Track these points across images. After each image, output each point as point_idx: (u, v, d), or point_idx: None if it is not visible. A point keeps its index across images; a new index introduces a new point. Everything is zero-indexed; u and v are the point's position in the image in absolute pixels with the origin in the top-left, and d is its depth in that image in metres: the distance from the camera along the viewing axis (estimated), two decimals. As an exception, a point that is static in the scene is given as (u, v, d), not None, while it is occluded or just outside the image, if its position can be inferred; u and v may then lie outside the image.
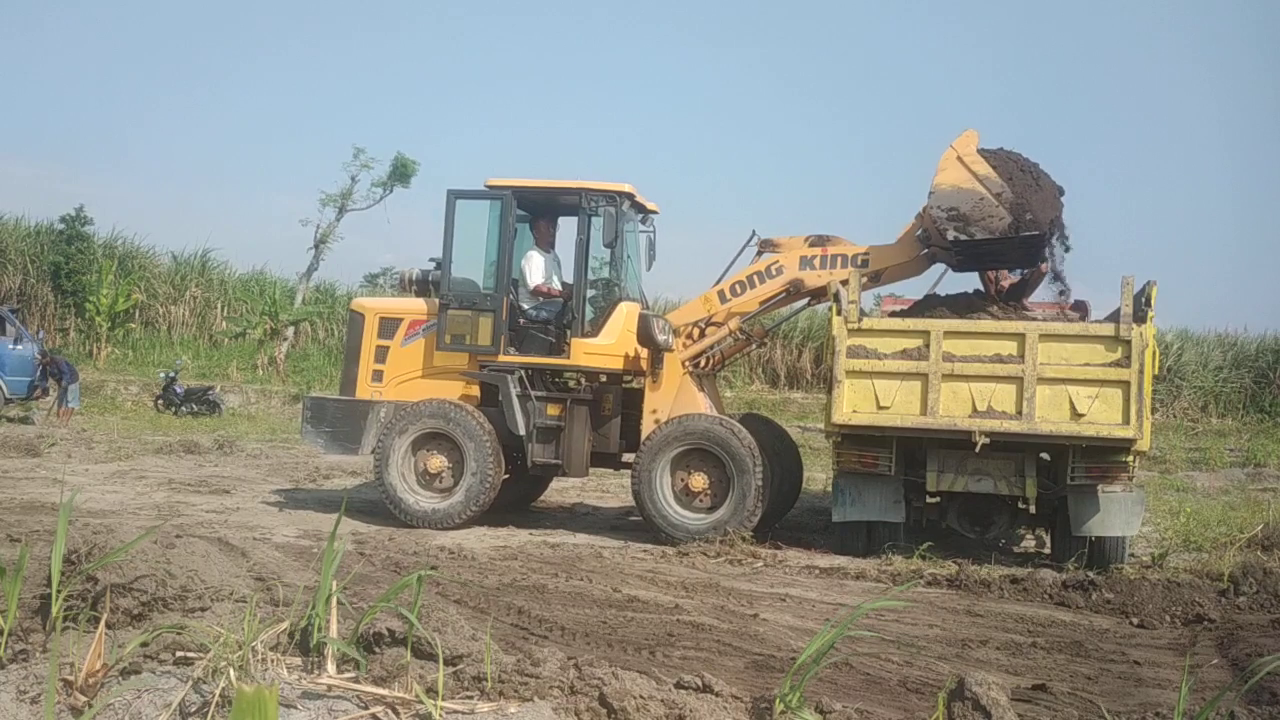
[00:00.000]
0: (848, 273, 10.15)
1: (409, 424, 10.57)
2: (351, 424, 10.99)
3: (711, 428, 10.21)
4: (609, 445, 10.97)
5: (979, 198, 9.57)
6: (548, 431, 10.72)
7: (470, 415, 10.48)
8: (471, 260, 11.05)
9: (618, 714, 3.23)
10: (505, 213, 10.79)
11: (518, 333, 10.91)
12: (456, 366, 10.97)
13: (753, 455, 9.98)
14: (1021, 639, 6.57)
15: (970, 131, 9.91)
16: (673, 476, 10.27)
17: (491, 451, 10.40)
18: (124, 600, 3.78)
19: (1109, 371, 9.04)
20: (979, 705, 3.19)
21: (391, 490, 10.55)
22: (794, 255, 10.59)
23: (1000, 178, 9.60)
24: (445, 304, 10.85)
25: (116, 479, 12.94)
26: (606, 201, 10.59)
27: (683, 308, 11.18)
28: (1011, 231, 9.52)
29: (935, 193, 9.72)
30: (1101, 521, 9.27)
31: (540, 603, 6.91)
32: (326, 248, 34.65)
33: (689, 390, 10.65)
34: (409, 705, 3.19)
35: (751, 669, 5.48)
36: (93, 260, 32.14)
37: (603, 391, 11.02)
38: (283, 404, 27.09)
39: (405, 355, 11.13)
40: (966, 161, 9.68)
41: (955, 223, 9.62)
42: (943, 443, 9.53)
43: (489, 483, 10.41)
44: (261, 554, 6.02)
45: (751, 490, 9.95)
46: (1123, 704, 4.78)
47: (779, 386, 30.87)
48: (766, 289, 10.64)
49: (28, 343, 22.05)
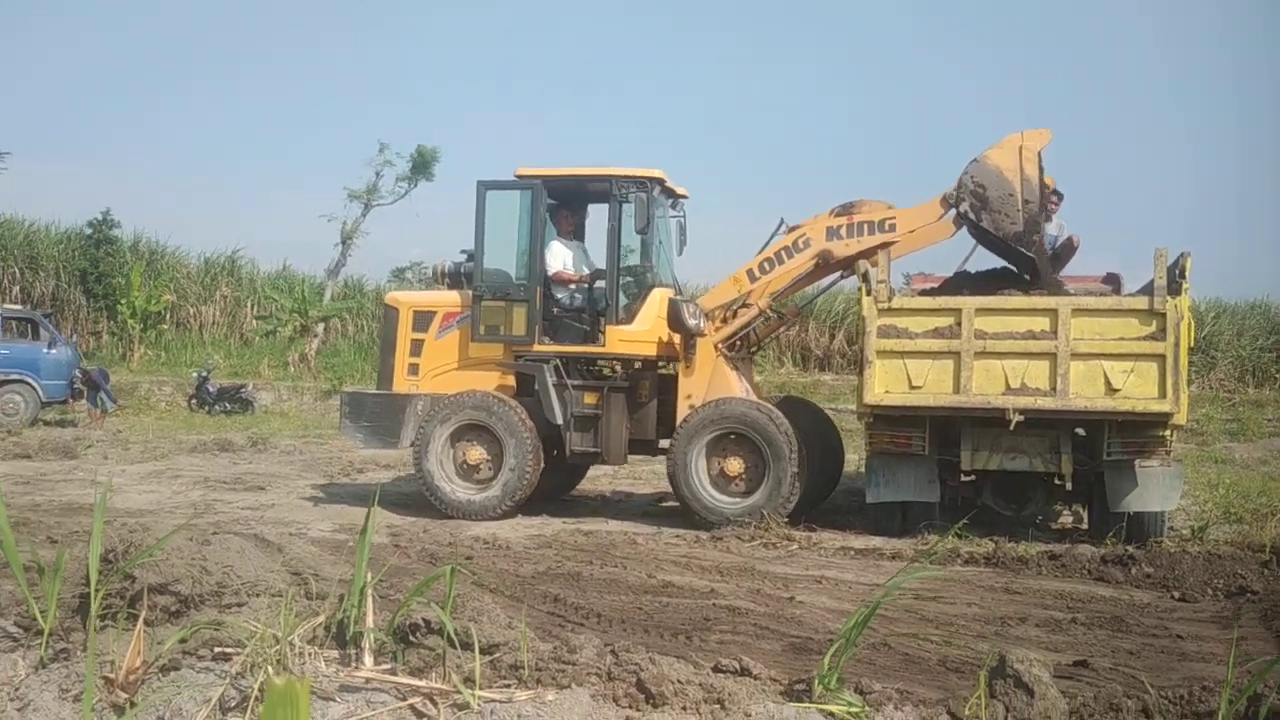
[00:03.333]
0: (876, 239, 10.08)
1: (448, 416, 10.58)
2: (390, 418, 11.04)
3: (747, 412, 10.16)
4: (646, 431, 10.95)
5: (1008, 193, 9.51)
6: (585, 420, 10.70)
7: (509, 407, 10.48)
8: (503, 251, 11.03)
9: (656, 699, 3.22)
10: (536, 202, 10.76)
11: (552, 322, 10.89)
12: (492, 357, 10.98)
13: (788, 439, 9.93)
14: (1061, 615, 6.51)
15: (1046, 131, 9.80)
16: (708, 461, 10.23)
17: (530, 443, 10.41)
18: (162, 598, 3.80)
19: (1144, 345, 8.93)
20: (1021, 682, 3.15)
21: (431, 482, 10.58)
22: (820, 226, 10.47)
23: (1038, 189, 9.53)
24: (478, 295, 10.85)
25: (152, 478, 13.05)
26: (637, 188, 10.54)
27: (713, 290, 11.11)
28: (1014, 240, 9.53)
29: (978, 162, 9.67)
30: (1140, 496, 9.16)
31: (575, 590, 6.91)
32: (353, 243, 34.81)
33: (723, 374, 10.60)
34: (447, 695, 3.18)
35: (789, 652, 5.45)
36: (122, 263, 32.44)
37: (638, 378, 10.99)
38: (314, 400, 27.27)
39: (440, 348, 11.15)
40: (1023, 154, 9.59)
41: (975, 199, 9.58)
42: (976, 421, 9.45)
43: (528, 474, 10.42)
44: (297, 549, 6.03)
45: (787, 474, 9.90)
46: (1166, 678, 4.72)
47: (809, 369, 30.77)
48: (795, 263, 10.53)
49: (62, 347, 22.30)
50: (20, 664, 3.41)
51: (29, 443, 16.24)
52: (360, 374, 30.29)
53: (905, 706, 3.18)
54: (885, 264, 9.62)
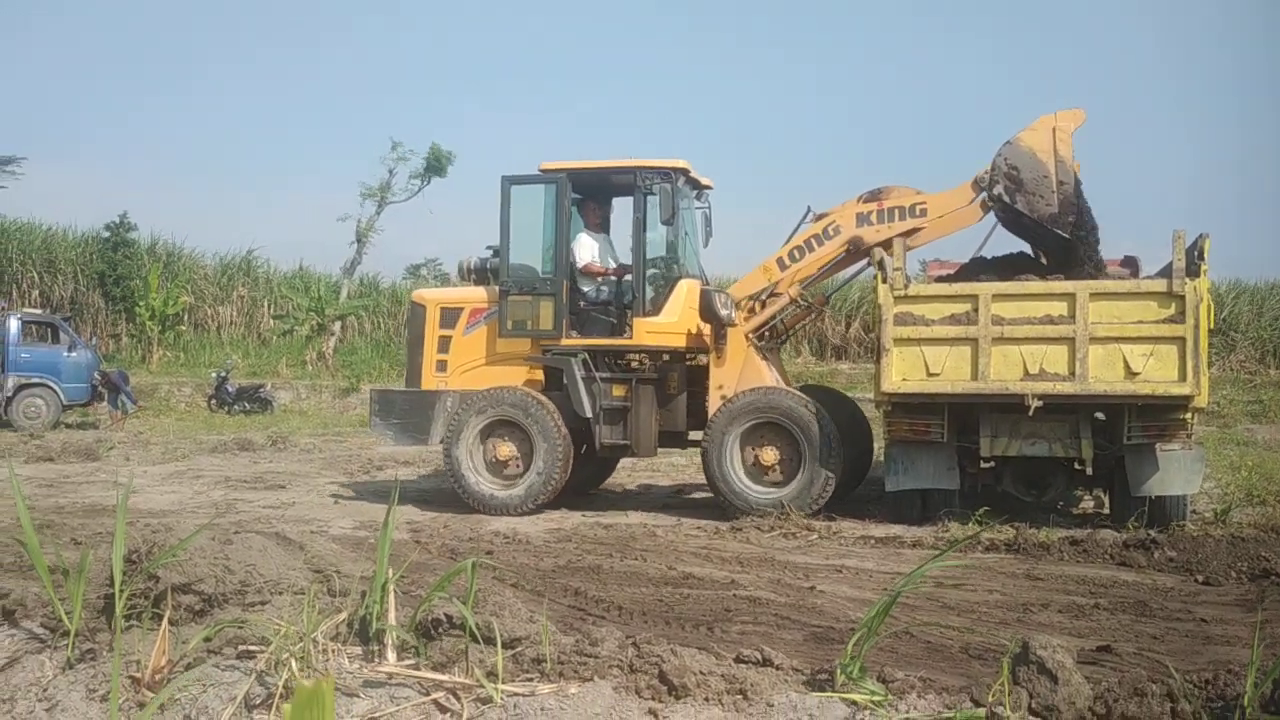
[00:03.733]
0: (907, 224, 10.04)
1: (484, 409, 10.60)
2: (419, 415, 11.06)
3: (782, 401, 10.14)
4: (676, 424, 10.93)
5: (1043, 174, 9.45)
6: (614, 413, 10.69)
7: (546, 411, 10.44)
8: (529, 246, 11.04)
9: (678, 690, 3.22)
10: (560, 196, 10.75)
11: (579, 315, 10.89)
12: (519, 353, 10.99)
13: (824, 427, 9.91)
14: (1084, 601, 6.48)
15: (1080, 111, 9.74)
16: (743, 451, 10.22)
17: (561, 450, 10.39)
18: (186, 597, 3.82)
19: (1163, 328, 8.88)
20: (1044, 669, 3.14)
21: (458, 470, 10.60)
22: (849, 213, 10.42)
23: (1072, 171, 9.48)
24: (505, 290, 10.86)
25: (174, 479, 13.13)
26: (661, 179, 10.51)
27: (743, 280, 11.06)
28: (1049, 222, 9.47)
29: (1012, 144, 9.63)
30: (1161, 480, 9.11)
31: (596, 583, 6.92)
32: (368, 241, 34.92)
33: (754, 364, 10.58)
34: (470, 690, 3.19)
35: (811, 641, 5.45)
36: (139, 265, 32.63)
37: (667, 370, 10.98)
38: (333, 398, 27.39)
39: (468, 344, 11.16)
40: (1057, 135, 9.54)
41: (1009, 181, 9.53)
42: (995, 407, 9.42)
43: (555, 479, 10.42)
44: (318, 546, 6.05)
45: (824, 465, 9.88)
46: (1191, 663, 4.69)
47: (826, 358, 30.73)
48: (826, 251, 10.48)
49: (82, 350, 22.46)
50: (48, 665, 3.44)
51: (51, 445, 16.38)
52: (378, 371, 30.42)
53: (928, 694, 3.18)
54: (901, 252, 9.59)
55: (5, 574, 5.47)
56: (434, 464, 14.71)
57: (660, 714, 3.08)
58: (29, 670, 3.43)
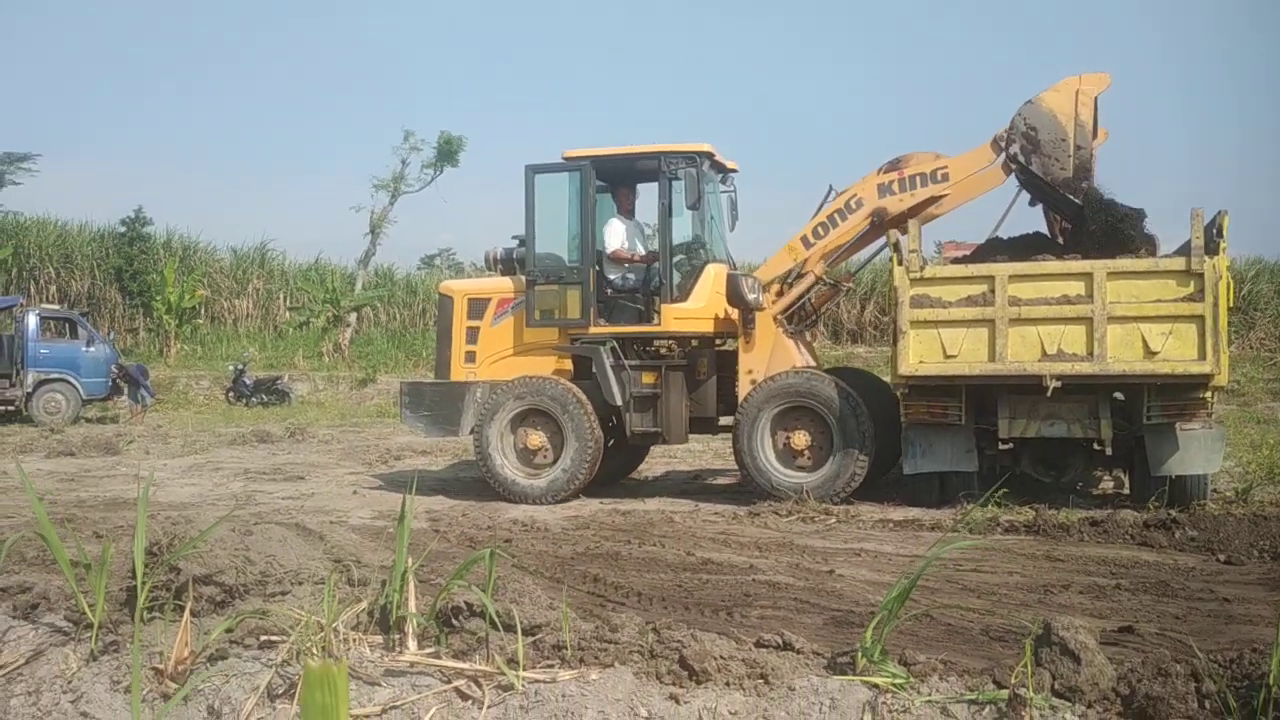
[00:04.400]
0: (930, 191, 10.00)
1: (515, 398, 10.60)
2: (449, 406, 11.08)
3: (818, 386, 10.08)
4: (706, 410, 10.90)
5: (1060, 137, 9.39)
6: (644, 400, 10.67)
7: (582, 409, 10.42)
8: (555, 234, 11.02)
9: (699, 675, 3.22)
10: (585, 184, 10.72)
11: (606, 303, 10.87)
12: (548, 342, 10.98)
13: (857, 415, 9.86)
14: (1105, 581, 6.45)
15: (1105, 76, 9.68)
16: (773, 436, 10.19)
17: (592, 450, 10.39)
18: (207, 588, 3.84)
19: (1182, 306, 8.81)
20: (1067, 650, 3.12)
21: (489, 459, 10.62)
22: (870, 185, 10.33)
23: (1091, 136, 9.40)
24: (532, 280, 10.86)
25: (193, 471, 13.21)
26: (686, 163, 10.46)
27: (769, 262, 10.97)
28: (1061, 186, 9.41)
29: (1033, 104, 9.57)
30: (1181, 460, 9.06)
31: (615, 570, 6.93)
32: (382, 232, 34.99)
33: (784, 347, 10.53)
34: (491, 677, 3.20)
35: (830, 625, 5.44)
36: (155, 260, 32.78)
37: (696, 356, 10.95)
38: (350, 389, 27.48)
39: (496, 334, 11.17)
40: (1079, 98, 9.46)
41: (1026, 141, 9.49)
42: (1013, 388, 9.37)
43: (580, 477, 10.43)
44: (338, 537, 6.08)
45: (855, 450, 9.84)
46: (1214, 642, 4.66)
47: (842, 341, 30.64)
48: (850, 225, 10.38)
49: (100, 344, 22.60)
50: (71, 657, 3.46)
51: (72, 440, 16.49)
52: (394, 361, 30.52)
53: (950, 677, 3.16)
54: (917, 233, 9.53)
55: (28, 568, 5.51)
56: (452, 454, 14.76)
57: (681, 699, 3.08)
58: (53, 663, 3.45)
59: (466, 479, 12.12)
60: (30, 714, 3.27)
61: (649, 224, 11.39)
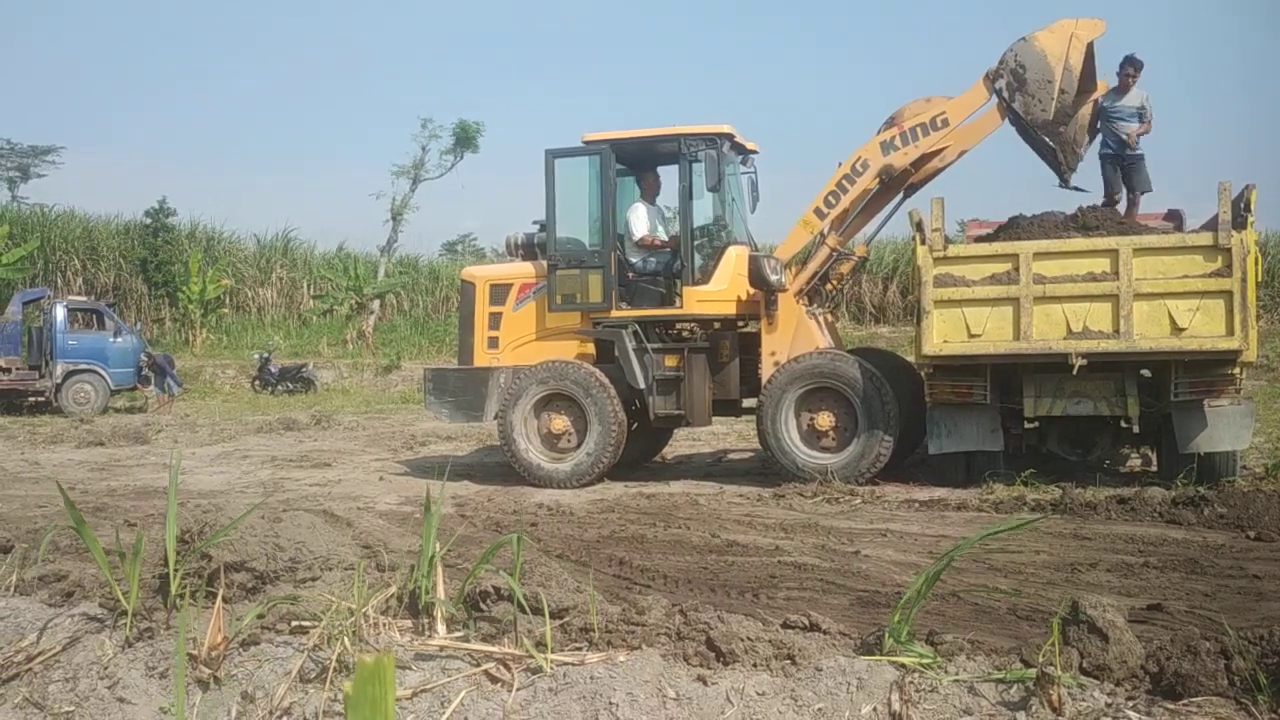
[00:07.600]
0: (932, 139, 10.02)
1: (539, 382, 10.63)
2: (473, 392, 11.13)
3: (844, 368, 10.06)
4: (729, 392, 10.91)
5: (1047, 79, 9.44)
6: (667, 383, 10.68)
7: (607, 394, 10.44)
8: (575, 218, 11.02)
9: (726, 657, 3.23)
10: (605, 167, 10.72)
11: (628, 287, 10.88)
12: (570, 326, 11.00)
13: (882, 397, 9.83)
14: (1133, 559, 6.43)
15: (1100, 22, 9.66)
16: (798, 417, 10.18)
17: (616, 423, 10.41)
18: (238, 575, 3.88)
19: (1209, 282, 8.74)
20: (1095, 628, 3.11)
21: (513, 443, 10.66)
22: (873, 146, 10.30)
23: (1078, 82, 9.37)
24: (553, 265, 10.88)
25: (222, 460, 13.32)
26: (706, 145, 10.42)
27: (786, 240, 10.93)
28: (1039, 127, 9.52)
29: (1025, 42, 9.60)
30: (1210, 437, 8.99)
31: (641, 553, 6.95)
32: (403, 219, 35.11)
33: (806, 328, 10.51)
34: (519, 660, 3.22)
35: (857, 606, 5.45)
36: (180, 250, 33.02)
37: (718, 338, 10.95)
38: (374, 376, 27.62)
39: (518, 320, 11.19)
40: (1072, 43, 9.45)
41: (1013, 78, 9.59)
42: (1038, 367, 9.33)
43: (604, 462, 10.45)
44: (366, 523, 6.14)
45: (879, 432, 9.82)
46: (1244, 619, 4.64)
47: (865, 322, 30.53)
48: (859, 187, 10.34)
49: (127, 335, 22.80)
50: (107, 644, 3.51)
51: (101, 430, 16.66)
52: (417, 348, 30.64)
53: (977, 656, 3.16)
54: (940, 212, 9.48)
55: (63, 556, 5.58)
56: (477, 439, 14.82)
57: (709, 680, 3.09)
58: (89, 650, 3.50)
59: (491, 464, 12.17)
60: (68, 700, 3.32)
61: (669, 207, 11.36)
